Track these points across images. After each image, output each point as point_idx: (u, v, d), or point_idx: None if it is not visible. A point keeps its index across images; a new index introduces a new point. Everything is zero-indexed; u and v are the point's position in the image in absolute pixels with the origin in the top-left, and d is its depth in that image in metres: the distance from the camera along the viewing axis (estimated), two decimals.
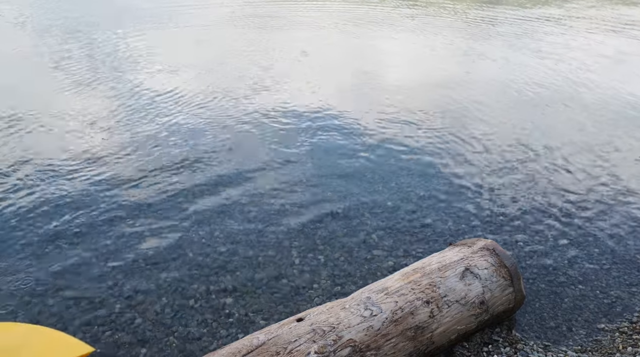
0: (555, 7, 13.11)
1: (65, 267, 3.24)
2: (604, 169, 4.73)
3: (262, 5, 12.25)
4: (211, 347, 2.68)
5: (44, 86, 6.59)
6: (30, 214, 3.76)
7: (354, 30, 10.24)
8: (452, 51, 8.95)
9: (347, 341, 2.16)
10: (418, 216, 3.90)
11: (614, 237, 3.71)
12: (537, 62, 8.26)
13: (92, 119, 5.52)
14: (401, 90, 6.85)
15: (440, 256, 2.73)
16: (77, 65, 7.33)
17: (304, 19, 10.96)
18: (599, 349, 2.71)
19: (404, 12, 12.14)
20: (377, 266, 3.34)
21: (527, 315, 2.94)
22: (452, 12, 12.14)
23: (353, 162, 4.75)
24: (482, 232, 3.72)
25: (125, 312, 2.90)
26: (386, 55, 8.76)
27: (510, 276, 2.65)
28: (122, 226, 3.68)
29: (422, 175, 4.53)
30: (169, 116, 5.67)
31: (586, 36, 10.06)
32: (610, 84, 7.26)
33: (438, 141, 5.23)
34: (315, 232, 3.67)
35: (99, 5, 11.74)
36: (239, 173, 4.48)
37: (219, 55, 8.16)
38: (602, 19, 11.66)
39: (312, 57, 8.24)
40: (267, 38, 9.27)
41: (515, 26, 10.80)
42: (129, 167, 4.52)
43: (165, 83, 6.77)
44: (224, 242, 3.54)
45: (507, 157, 4.90)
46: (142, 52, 8.12)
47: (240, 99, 6.28)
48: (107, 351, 2.65)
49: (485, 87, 7.06)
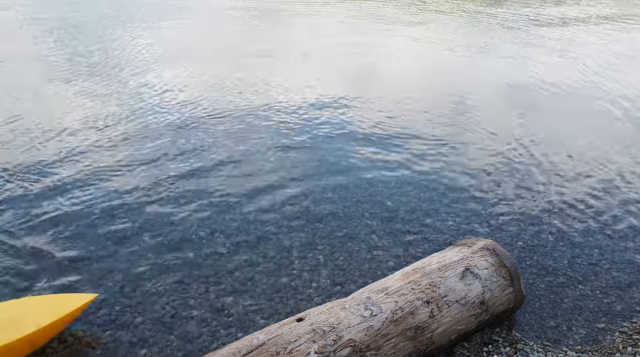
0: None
1: (66, 268, 3.24)
2: (605, 169, 4.73)
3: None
4: (211, 347, 2.68)
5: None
6: (21, 220, 3.76)
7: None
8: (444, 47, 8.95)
9: (347, 341, 2.16)
10: (418, 216, 3.90)
11: (614, 237, 3.71)
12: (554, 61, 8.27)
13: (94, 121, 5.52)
14: (408, 90, 6.85)
15: (440, 256, 2.73)
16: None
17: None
18: (599, 349, 2.71)
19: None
20: (377, 265, 3.33)
21: (527, 315, 2.94)
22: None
23: (353, 162, 4.74)
24: (482, 232, 3.72)
25: (125, 311, 2.90)
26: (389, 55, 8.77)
27: (510, 276, 2.65)
28: (122, 226, 3.68)
29: (422, 175, 4.53)
30: (172, 115, 5.68)
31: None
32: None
33: (438, 141, 5.23)
34: (315, 232, 3.67)
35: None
36: (239, 173, 4.48)
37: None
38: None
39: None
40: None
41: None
42: (129, 167, 4.52)
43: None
44: (224, 242, 3.54)
45: (507, 158, 4.90)
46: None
47: (241, 96, 6.29)
48: (107, 350, 2.65)
49: (486, 88, 7.06)
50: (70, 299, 2.64)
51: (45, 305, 2.58)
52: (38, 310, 2.54)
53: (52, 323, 2.49)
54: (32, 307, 2.58)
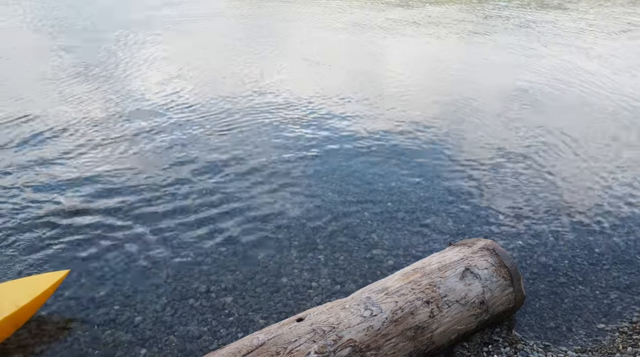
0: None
1: (65, 267, 3.24)
2: (605, 169, 4.73)
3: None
4: (211, 346, 2.68)
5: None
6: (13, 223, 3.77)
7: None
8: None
9: (347, 341, 2.16)
10: (418, 216, 3.90)
11: (614, 238, 3.71)
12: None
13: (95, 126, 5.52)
14: (407, 93, 6.85)
15: (440, 256, 2.73)
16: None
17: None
18: (599, 349, 2.71)
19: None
20: (377, 265, 3.33)
21: (527, 315, 2.94)
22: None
23: (353, 162, 4.74)
24: (482, 232, 3.72)
25: (125, 311, 2.90)
26: (387, 55, 8.76)
27: (510, 276, 2.65)
28: (122, 226, 3.68)
29: (422, 175, 4.52)
30: (176, 114, 5.68)
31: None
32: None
33: (439, 142, 5.23)
34: (315, 232, 3.67)
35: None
36: (239, 173, 4.48)
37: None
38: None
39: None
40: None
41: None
42: (128, 167, 4.52)
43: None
44: (224, 242, 3.53)
45: (507, 158, 4.90)
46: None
47: (243, 97, 6.29)
48: (107, 350, 2.65)
49: (487, 90, 7.06)
50: (43, 278, 2.83)
51: (21, 287, 2.75)
52: (15, 292, 2.70)
53: (30, 302, 2.66)
54: (9, 290, 2.74)
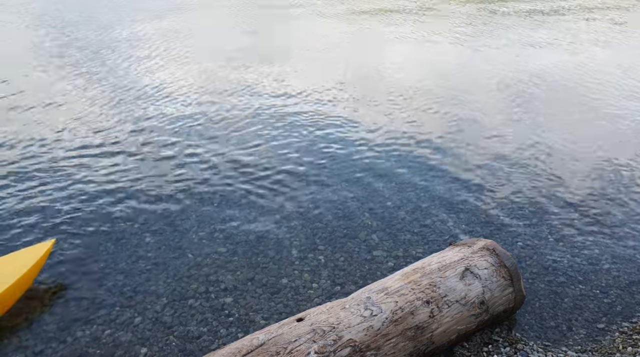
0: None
1: (65, 267, 3.24)
2: (605, 169, 4.73)
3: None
4: (211, 346, 2.68)
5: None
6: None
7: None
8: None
9: (347, 341, 2.16)
10: (418, 216, 3.90)
11: (613, 237, 3.71)
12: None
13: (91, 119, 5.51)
14: (407, 92, 6.85)
15: (440, 256, 2.73)
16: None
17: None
18: (599, 349, 2.71)
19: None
20: (377, 266, 3.33)
21: (527, 315, 2.94)
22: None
23: (354, 162, 4.74)
24: (482, 232, 3.72)
25: (125, 311, 2.90)
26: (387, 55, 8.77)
27: (510, 276, 2.65)
28: (121, 226, 3.68)
29: (422, 175, 4.52)
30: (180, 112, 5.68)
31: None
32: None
33: (439, 142, 5.23)
34: (315, 232, 3.67)
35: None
36: (239, 173, 4.48)
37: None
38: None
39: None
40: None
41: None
42: (130, 166, 4.52)
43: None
44: (224, 242, 3.54)
45: (507, 158, 4.90)
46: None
47: (243, 95, 6.29)
48: (107, 350, 2.65)
49: (487, 91, 7.06)
50: (31, 251, 2.97)
51: (14, 261, 2.89)
52: (10, 265, 2.85)
53: (26, 274, 2.82)
54: (3, 265, 2.88)
